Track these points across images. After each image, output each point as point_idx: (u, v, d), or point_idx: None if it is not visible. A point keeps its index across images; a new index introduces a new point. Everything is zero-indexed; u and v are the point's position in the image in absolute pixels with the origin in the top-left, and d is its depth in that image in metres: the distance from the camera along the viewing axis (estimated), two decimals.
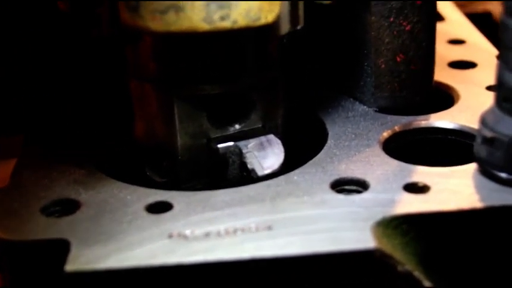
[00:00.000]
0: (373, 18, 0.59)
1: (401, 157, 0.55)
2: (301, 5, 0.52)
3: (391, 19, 0.59)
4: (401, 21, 0.59)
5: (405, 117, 0.60)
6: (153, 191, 0.52)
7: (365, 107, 0.62)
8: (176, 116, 0.54)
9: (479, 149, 0.52)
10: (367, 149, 0.56)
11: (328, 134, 0.59)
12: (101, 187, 0.53)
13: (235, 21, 0.48)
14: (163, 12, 0.48)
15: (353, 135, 0.58)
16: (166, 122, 0.54)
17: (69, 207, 0.51)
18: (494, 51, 0.71)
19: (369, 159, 0.55)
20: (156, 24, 0.48)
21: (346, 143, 0.57)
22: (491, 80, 0.64)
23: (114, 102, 0.61)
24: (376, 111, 0.62)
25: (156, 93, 0.54)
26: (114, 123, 0.61)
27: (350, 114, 0.62)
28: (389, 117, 0.60)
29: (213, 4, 0.47)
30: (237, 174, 0.55)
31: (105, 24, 0.51)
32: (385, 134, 0.58)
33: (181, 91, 0.53)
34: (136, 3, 0.48)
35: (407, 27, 0.60)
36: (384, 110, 0.62)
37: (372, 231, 0.48)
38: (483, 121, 0.52)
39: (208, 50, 0.52)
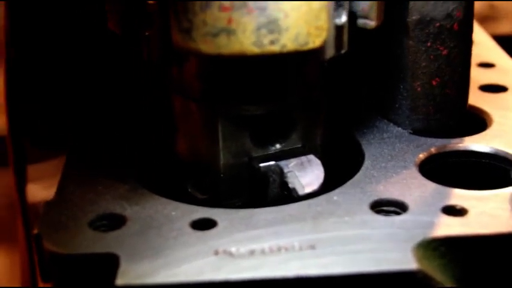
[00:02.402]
0: (411, 42, 0.61)
1: (436, 179, 0.57)
2: (346, 30, 0.53)
3: (429, 44, 0.61)
4: (438, 46, 0.61)
5: (439, 140, 0.61)
6: (196, 207, 0.54)
7: (400, 128, 0.64)
8: (220, 135, 0.55)
9: None
10: (404, 171, 0.58)
11: (364, 154, 0.60)
12: (145, 203, 0.54)
13: (284, 46, 0.50)
14: (215, 35, 0.49)
15: (389, 157, 0.60)
16: (209, 140, 0.56)
17: (116, 221, 0.52)
18: None
19: (406, 181, 0.56)
20: (207, 46, 0.49)
21: (383, 164, 0.59)
22: None
23: (157, 119, 0.63)
24: (410, 133, 0.63)
25: (200, 112, 0.56)
26: (156, 139, 0.62)
27: (385, 135, 0.63)
28: (424, 140, 0.62)
29: (264, 29, 0.49)
30: (278, 193, 0.56)
31: (154, 47, 0.53)
32: (421, 156, 0.59)
33: (226, 111, 0.55)
34: (189, 25, 0.49)
35: (444, 52, 0.61)
36: (418, 132, 0.63)
37: (413, 252, 0.49)
38: None
39: (255, 71, 0.54)
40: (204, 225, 0.52)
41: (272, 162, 0.56)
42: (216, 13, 0.49)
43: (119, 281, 0.47)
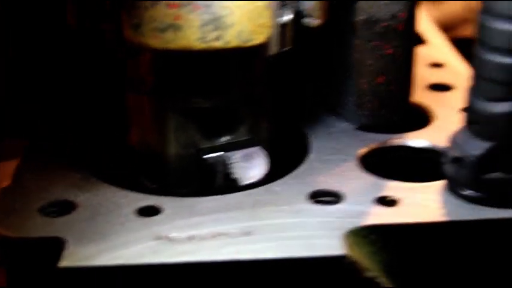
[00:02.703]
0: (357, 41, 0.63)
1: (377, 172, 0.59)
2: (290, 28, 0.56)
3: (374, 43, 0.63)
4: (383, 45, 0.64)
5: (383, 135, 0.64)
6: (143, 195, 0.57)
7: (347, 123, 0.66)
8: (169, 127, 0.58)
9: (448, 167, 0.56)
10: (345, 164, 0.60)
11: (310, 148, 0.63)
12: (96, 191, 0.57)
13: (227, 42, 0.53)
14: (163, 30, 0.52)
15: (334, 150, 0.62)
16: (159, 132, 0.59)
17: (66, 208, 0.55)
18: None
19: (345, 173, 0.59)
20: (155, 41, 0.52)
21: (327, 157, 0.61)
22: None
23: (112, 112, 0.66)
24: (356, 128, 0.66)
25: (151, 105, 0.58)
26: (111, 131, 0.65)
27: (332, 130, 0.66)
28: (369, 135, 0.65)
29: (209, 25, 0.52)
30: (223, 183, 0.59)
31: (109, 40, 0.56)
32: (363, 150, 0.62)
33: (174, 104, 0.58)
34: (139, 21, 0.52)
35: (389, 51, 0.64)
36: (364, 127, 0.66)
37: (343, 239, 0.52)
38: (452, 141, 0.56)
39: (202, 67, 0.56)
40: (149, 212, 0.55)
41: (218, 153, 0.59)
42: (163, 10, 0.52)
43: (62, 263, 0.50)
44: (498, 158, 0.54)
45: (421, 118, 0.68)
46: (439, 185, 0.57)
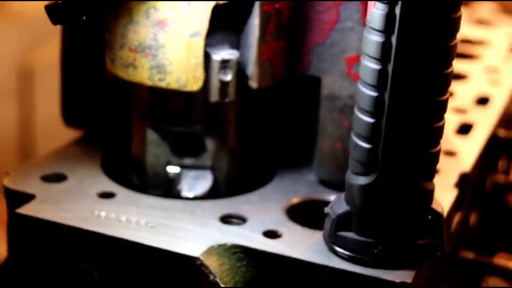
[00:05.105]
0: (321, 111, 0.78)
1: (300, 217, 0.74)
2: (232, 85, 0.73)
3: (335, 114, 0.78)
4: (342, 118, 0.78)
5: (330, 190, 0.78)
6: (112, 183, 0.76)
7: (314, 175, 0.81)
8: (147, 140, 0.77)
9: (325, 219, 0.69)
10: (274, 204, 0.75)
11: (268, 185, 0.78)
12: (87, 172, 0.78)
13: (168, 84, 0.71)
14: (127, 67, 0.72)
15: (280, 192, 0.78)
16: (141, 142, 0.78)
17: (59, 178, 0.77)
18: None
19: (265, 210, 0.73)
20: (122, 74, 0.73)
21: (269, 195, 0.77)
22: None
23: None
24: (318, 181, 0.80)
25: (138, 123, 0.78)
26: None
27: (299, 177, 0.81)
28: (319, 188, 0.79)
29: (155, 69, 0.71)
30: (176, 192, 0.77)
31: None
32: (296, 198, 0.77)
33: (153, 124, 0.77)
34: (114, 57, 0.73)
35: (346, 123, 0.78)
36: (324, 182, 0.80)
37: (210, 248, 0.68)
38: (333, 200, 0.69)
39: (169, 101, 0.75)
40: (107, 195, 0.75)
41: (178, 169, 0.77)
42: (127, 52, 0.72)
43: (19, 210, 0.71)
44: (351, 221, 0.67)
45: None
46: (320, 232, 0.70)
